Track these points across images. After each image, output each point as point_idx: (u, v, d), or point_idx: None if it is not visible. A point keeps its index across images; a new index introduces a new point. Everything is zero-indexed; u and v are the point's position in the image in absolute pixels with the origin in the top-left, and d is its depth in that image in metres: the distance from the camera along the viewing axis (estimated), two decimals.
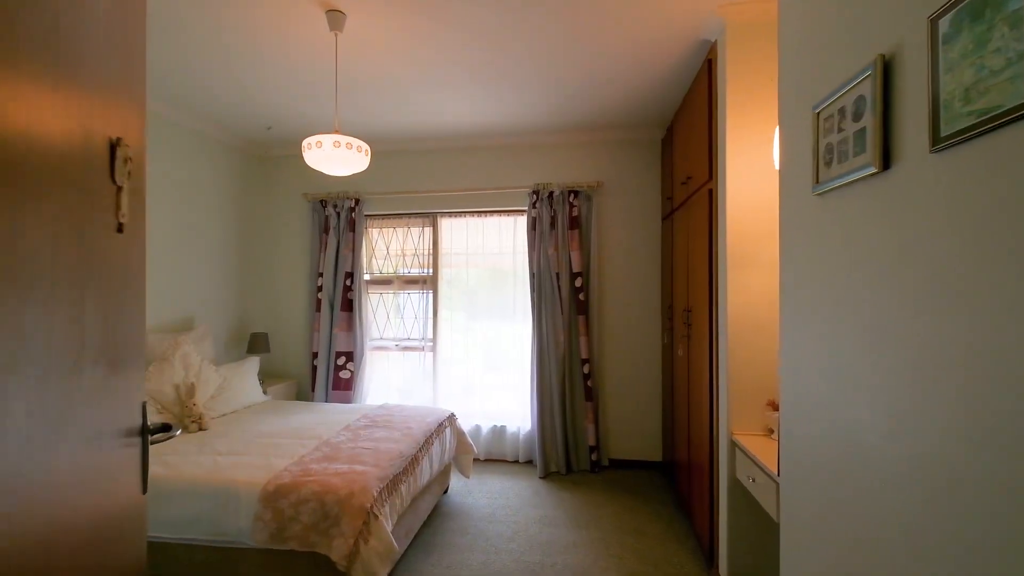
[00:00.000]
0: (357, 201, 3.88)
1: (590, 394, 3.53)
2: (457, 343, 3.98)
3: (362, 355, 3.90)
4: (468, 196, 3.85)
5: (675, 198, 3.04)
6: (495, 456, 3.81)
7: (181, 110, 3.23)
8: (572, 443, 3.56)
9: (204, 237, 3.54)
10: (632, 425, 3.65)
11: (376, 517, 1.88)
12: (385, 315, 4.07)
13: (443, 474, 3.02)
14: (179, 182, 3.32)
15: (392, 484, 2.12)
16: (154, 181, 3.12)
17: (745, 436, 1.99)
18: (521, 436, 3.73)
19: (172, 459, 2.18)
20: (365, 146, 2.07)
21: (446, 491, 3.21)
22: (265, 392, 3.55)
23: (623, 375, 3.66)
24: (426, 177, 3.92)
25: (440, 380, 3.91)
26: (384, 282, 4.07)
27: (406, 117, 3.34)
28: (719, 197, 2.16)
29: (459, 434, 3.16)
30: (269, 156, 4.12)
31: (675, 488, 3.09)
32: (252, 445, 2.36)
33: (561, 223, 3.59)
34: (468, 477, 3.24)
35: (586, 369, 3.53)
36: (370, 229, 4.06)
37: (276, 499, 1.89)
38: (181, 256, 3.35)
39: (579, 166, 3.71)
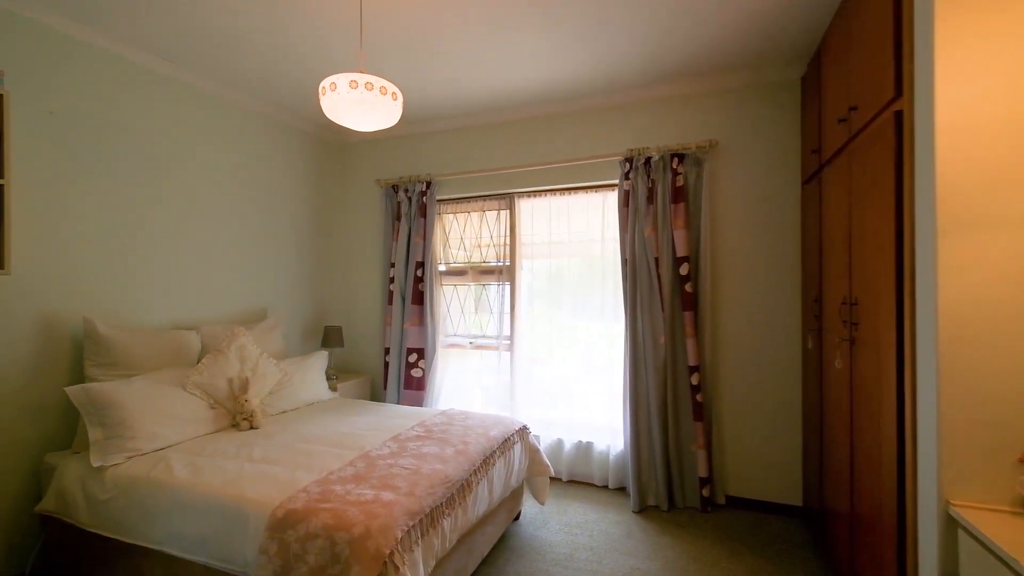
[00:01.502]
0: (428, 184, 3.54)
1: (700, 412, 2.77)
2: (537, 342, 3.45)
3: (433, 353, 3.56)
4: (548, 171, 3.30)
5: (825, 148, 2.19)
6: (579, 478, 3.21)
7: (256, 98, 3.14)
8: (676, 472, 2.83)
9: (280, 227, 3.46)
10: (759, 455, 2.81)
11: (397, 568, 1.42)
12: (459, 309, 3.69)
13: (512, 498, 2.51)
14: (255, 171, 3.25)
15: (429, 519, 1.67)
16: (229, 170, 3.06)
17: (976, 510, 1.18)
18: (611, 457, 3.09)
19: (201, 462, 1.96)
20: (393, 88, 1.63)
21: (517, 517, 2.70)
22: (335, 389, 3.36)
23: (746, 389, 2.83)
24: (500, 152, 3.45)
25: (518, 384, 3.41)
26: (457, 273, 3.68)
27: (472, 82, 2.90)
28: (917, 122, 1.36)
29: (532, 451, 2.64)
30: (344, 143, 3.98)
31: (824, 548, 2.23)
32: (287, 452, 2.07)
33: (661, 196, 2.88)
34: (543, 503, 2.69)
35: (695, 380, 2.78)
36: (442, 215, 3.70)
37: (283, 529, 1.53)
38: (256, 247, 3.27)
39: (684, 123, 2.96)
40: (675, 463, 2.83)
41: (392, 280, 3.62)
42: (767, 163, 2.79)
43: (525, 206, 3.48)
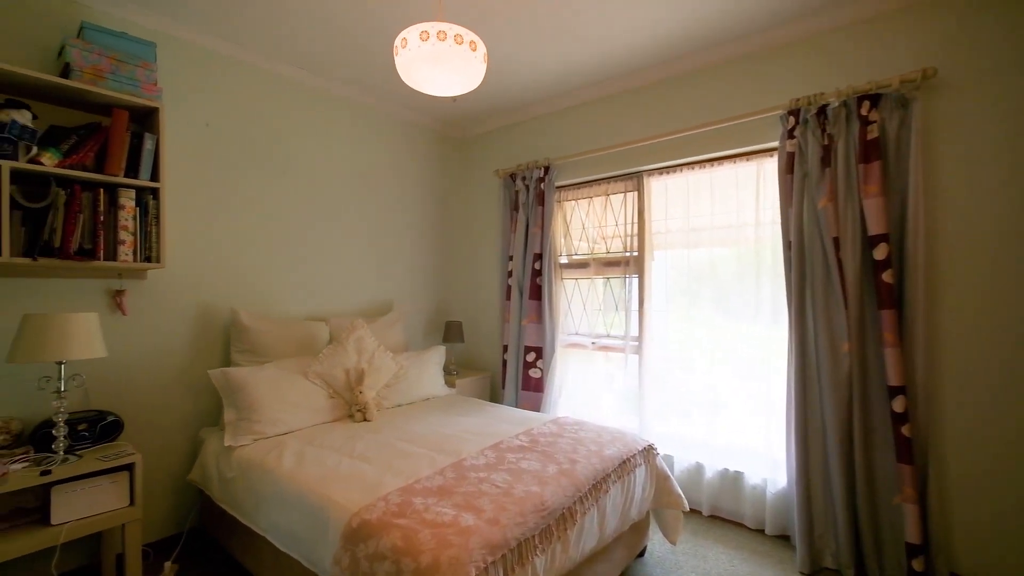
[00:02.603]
0: (546, 169, 3.27)
1: (907, 450, 1.98)
2: (672, 345, 2.93)
3: (552, 352, 3.27)
4: (684, 141, 2.75)
5: None
6: (724, 514, 2.61)
7: (383, 99, 3.23)
8: (868, 529, 2.08)
9: (405, 223, 3.52)
10: (1012, 520, 1.91)
11: None
12: (581, 305, 3.34)
13: (633, 532, 2.09)
14: (383, 170, 3.36)
15: (516, 555, 1.37)
16: (359, 170, 3.20)
17: None
18: (769, 494, 2.43)
19: (309, 451, 1.97)
20: (471, 36, 1.37)
21: (641, 554, 2.26)
22: (452, 385, 3.29)
23: (986, 424, 1.95)
24: (624, 125, 3.00)
25: (648, 394, 2.93)
26: (579, 265, 3.34)
27: (586, 47, 2.53)
28: None
29: (660, 477, 2.17)
30: (465, 137, 3.92)
31: None
32: (384, 451, 1.98)
33: (843, 155, 2.15)
34: (674, 543, 2.21)
35: (898, 405, 2.00)
36: (562, 202, 3.39)
37: (356, 541, 1.38)
38: (383, 242, 3.37)
39: (877, 54, 2.17)
40: (866, 518, 2.08)
41: (510, 274, 3.43)
42: (1019, 98, 1.88)
43: (656, 186, 2.98)
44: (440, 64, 1.37)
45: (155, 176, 2.09)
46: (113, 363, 2.19)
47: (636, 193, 3.04)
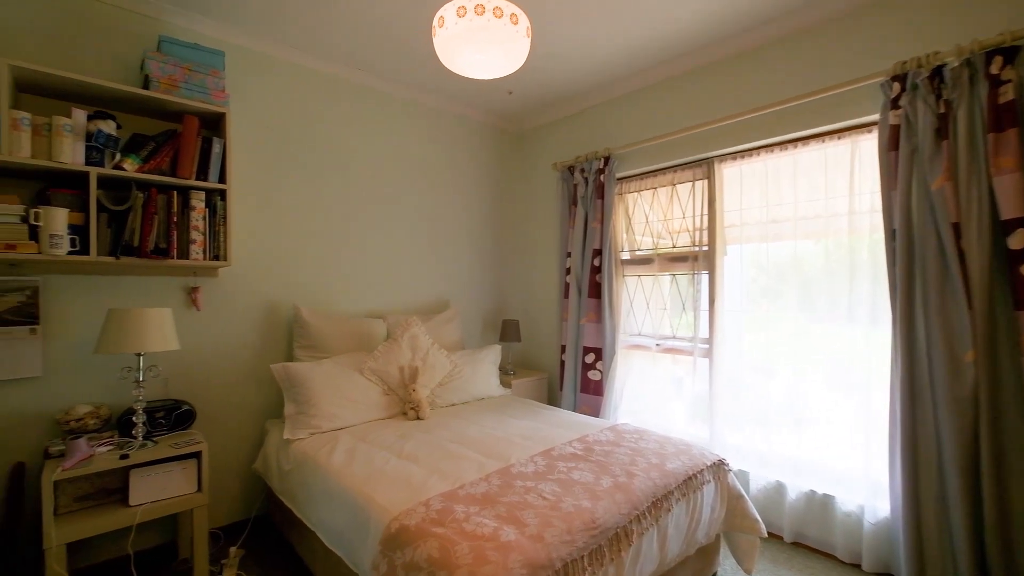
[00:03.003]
0: (606, 160, 3.09)
1: None
2: (747, 349, 2.64)
3: (613, 354, 3.08)
4: (761, 120, 2.46)
5: None
6: (811, 543, 2.30)
7: (436, 93, 3.23)
8: (1001, 575, 1.72)
9: (461, 220, 3.50)
10: None
11: None
12: (644, 304, 3.12)
13: (700, 557, 1.88)
14: (437, 164, 3.35)
15: None
16: (414, 164, 3.21)
17: None
18: (867, 523, 2.10)
19: (360, 449, 1.96)
20: (512, 8, 1.25)
21: None
22: (508, 385, 3.21)
23: None
24: (693, 107, 2.75)
25: (719, 401, 2.66)
26: (642, 261, 3.12)
27: (652, 17, 2.33)
28: None
29: (733, 497, 1.94)
30: (522, 131, 3.83)
31: None
32: (433, 452, 1.92)
33: (966, 124, 1.78)
34: (749, 572, 1.96)
35: None
36: (624, 194, 3.19)
37: (394, 548, 1.32)
38: (439, 239, 3.36)
39: None
40: (998, 563, 1.71)
41: (568, 271, 3.29)
42: None
43: (729, 173, 2.70)
44: (479, 41, 1.28)
45: (222, 178, 2.19)
46: (188, 355, 2.33)
47: (706, 181, 2.77)
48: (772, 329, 2.54)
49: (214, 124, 2.25)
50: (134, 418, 1.94)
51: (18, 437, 1.94)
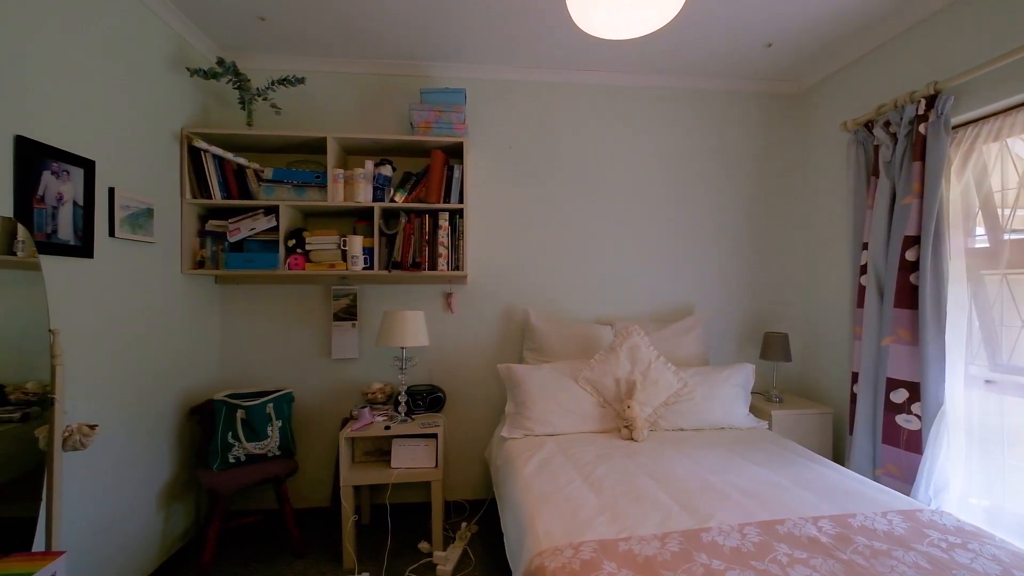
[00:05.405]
0: (931, 100, 2.04)
1: None
2: None
3: (941, 393, 2.02)
4: None
5: None
6: None
7: (676, 73, 2.86)
8: None
9: (707, 210, 2.98)
10: None
11: None
12: (1019, 318, 1.92)
13: None
14: (675, 154, 2.95)
15: None
16: (649, 159, 2.94)
17: None
18: None
19: (555, 461, 1.91)
20: None
21: None
22: (767, 417, 2.55)
23: None
24: None
25: None
26: (1012, 252, 1.92)
27: None
28: None
29: None
30: (799, 92, 2.97)
31: None
32: (621, 484, 1.68)
33: None
34: None
35: None
36: (964, 149, 2.04)
37: None
38: (679, 234, 2.96)
39: None
40: None
41: (863, 269, 2.35)
42: None
43: None
44: None
45: (461, 199, 2.53)
46: (443, 349, 2.79)
47: None
48: None
49: (457, 153, 2.62)
50: (399, 397, 2.46)
51: (346, 399, 2.74)
